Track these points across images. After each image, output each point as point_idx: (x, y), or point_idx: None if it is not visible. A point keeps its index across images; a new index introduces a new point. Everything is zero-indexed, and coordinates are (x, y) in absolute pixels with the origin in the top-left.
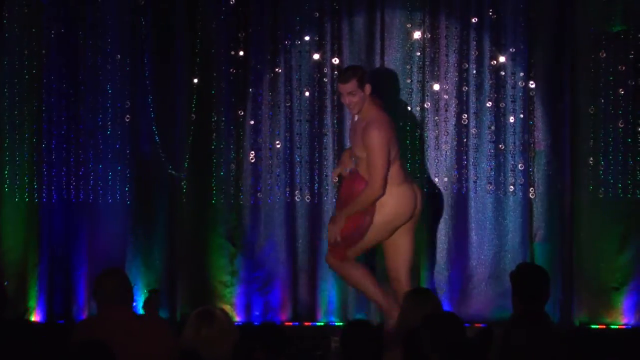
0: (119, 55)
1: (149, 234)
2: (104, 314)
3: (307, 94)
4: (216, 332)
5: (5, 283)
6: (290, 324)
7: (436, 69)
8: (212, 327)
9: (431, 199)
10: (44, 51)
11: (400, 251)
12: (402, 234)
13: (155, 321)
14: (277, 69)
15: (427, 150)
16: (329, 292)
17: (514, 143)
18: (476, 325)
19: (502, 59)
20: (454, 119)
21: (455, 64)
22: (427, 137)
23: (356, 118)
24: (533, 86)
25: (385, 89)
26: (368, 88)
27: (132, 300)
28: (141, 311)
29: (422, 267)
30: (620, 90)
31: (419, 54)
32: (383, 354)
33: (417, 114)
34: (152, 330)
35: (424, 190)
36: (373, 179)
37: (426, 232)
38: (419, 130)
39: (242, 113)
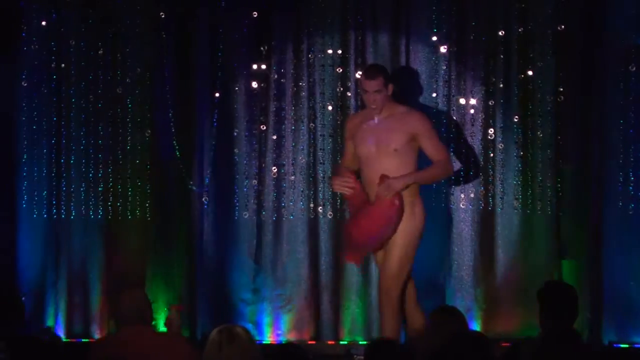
0: (139, 69)
1: (170, 250)
2: (123, 333)
3: (330, 108)
4: (237, 350)
5: (23, 299)
6: (314, 342)
7: (462, 82)
8: (232, 346)
9: (457, 215)
10: (62, 65)
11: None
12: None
13: (176, 339)
14: (300, 83)
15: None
16: (352, 310)
17: (542, 158)
18: (503, 344)
19: (529, 72)
20: (481, 133)
21: (482, 78)
22: (452, 152)
23: (376, 120)
24: (561, 100)
25: (410, 101)
26: (391, 88)
27: (152, 318)
28: (163, 328)
29: (447, 285)
30: None
31: (445, 67)
32: None
33: (443, 129)
34: (172, 348)
35: None
36: (446, 157)
37: (452, 249)
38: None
39: (265, 128)
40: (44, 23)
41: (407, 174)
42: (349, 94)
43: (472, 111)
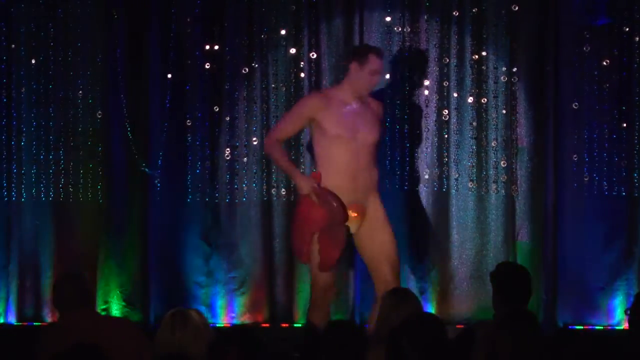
0: (90, 50)
1: (122, 233)
2: (68, 318)
3: (283, 89)
4: (190, 333)
5: None
6: (267, 325)
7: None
8: (185, 329)
9: (411, 196)
10: (13, 46)
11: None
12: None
13: (124, 323)
14: (253, 64)
15: (407, 147)
16: (306, 292)
17: (496, 139)
18: (457, 326)
19: (483, 53)
20: (435, 114)
21: (436, 59)
22: (407, 133)
23: (354, 105)
24: (516, 81)
25: None
26: None
27: (93, 302)
28: (115, 312)
29: (402, 267)
30: (605, 85)
31: (399, 48)
32: (365, 354)
33: (397, 110)
34: (121, 332)
35: None
36: None
37: (406, 231)
38: (398, 126)
39: (218, 109)
40: None
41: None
42: (302, 74)
43: (426, 92)
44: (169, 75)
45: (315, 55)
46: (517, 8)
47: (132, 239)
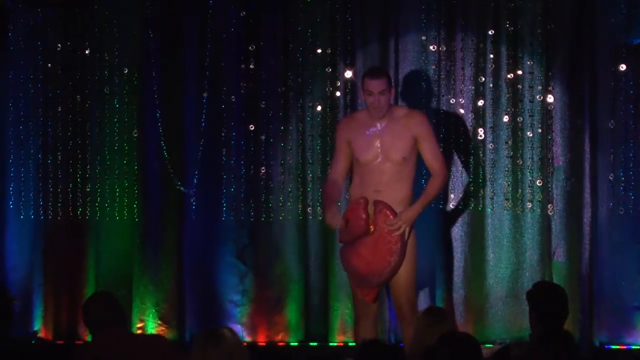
0: (126, 69)
1: (157, 252)
2: (100, 338)
3: (319, 108)
4: (223, 352)
5: (14, 302)
6: (303, 344)
7: (452, 82)
8: (219, 348)
9: (447, 215)
10: (49, 65)
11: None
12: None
13: (159, 341)
14: (288, 83)
15: None
16: (341, 311)
17: (532, 158)
18: (493, 345)
19: (519, 72)
20: (470, 133)
21: (471, 77)
22: (442, 151)
23: (379, 126)
24: (551, 100)
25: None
26: (393, 91)
27: (125, 321)
28: (151, 330)
29: (438, 286)
30: None
31: (434, 67)
32: None
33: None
34: (156, 350)
35: None
36: (442, 165)
37: (442, 250)
38: None
39: (253, 128)
40: (31, 23)
41: (418, 202)
42: (338, 93)
43: (461, 111)
44: (205, 94)
45: (350, 74)
46: (552, 27)
47: (168, 257)
